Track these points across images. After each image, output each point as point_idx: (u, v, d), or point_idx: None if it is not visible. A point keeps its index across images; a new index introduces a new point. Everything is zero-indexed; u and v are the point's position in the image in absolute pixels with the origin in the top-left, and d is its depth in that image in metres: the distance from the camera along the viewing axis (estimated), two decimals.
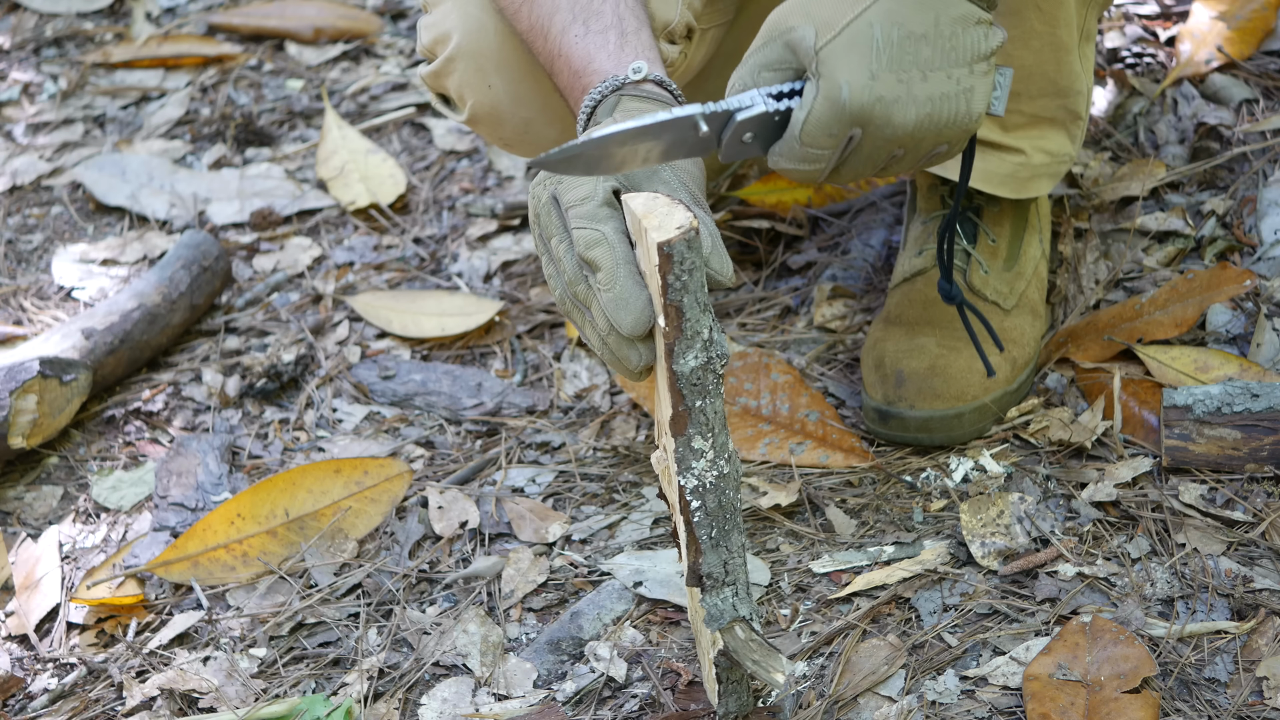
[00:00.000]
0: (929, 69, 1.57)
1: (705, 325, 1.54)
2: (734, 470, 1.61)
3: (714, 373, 1.56)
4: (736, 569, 1.63)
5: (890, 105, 1.56)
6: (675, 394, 1.56)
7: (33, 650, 2.05)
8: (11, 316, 2.67)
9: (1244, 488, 1.92)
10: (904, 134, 1.58)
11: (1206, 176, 2.38)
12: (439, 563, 2.05)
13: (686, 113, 1.58)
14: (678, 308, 1.53)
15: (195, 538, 2.10)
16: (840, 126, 1.57)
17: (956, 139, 1.62)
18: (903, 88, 1.56)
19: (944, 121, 1.58)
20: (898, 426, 2.05)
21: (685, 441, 1.58)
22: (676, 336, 1.54)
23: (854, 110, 1.56)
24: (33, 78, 3.41)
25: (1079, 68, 2.03)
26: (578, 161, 1.58)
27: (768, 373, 2.18)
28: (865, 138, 1.58)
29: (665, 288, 1.52)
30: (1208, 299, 2.12)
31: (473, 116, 2.03)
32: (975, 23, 1.60)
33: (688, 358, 1.55)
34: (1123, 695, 1.67)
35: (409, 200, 2.82)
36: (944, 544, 1.91)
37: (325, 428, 2.34)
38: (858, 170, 1.63)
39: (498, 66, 1.98)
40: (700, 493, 1.60)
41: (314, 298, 2.61)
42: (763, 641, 1.63)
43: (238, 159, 3.04)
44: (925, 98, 1.57)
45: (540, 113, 2.02)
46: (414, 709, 1.84)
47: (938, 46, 1.57)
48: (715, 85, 2.30)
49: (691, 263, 1.52)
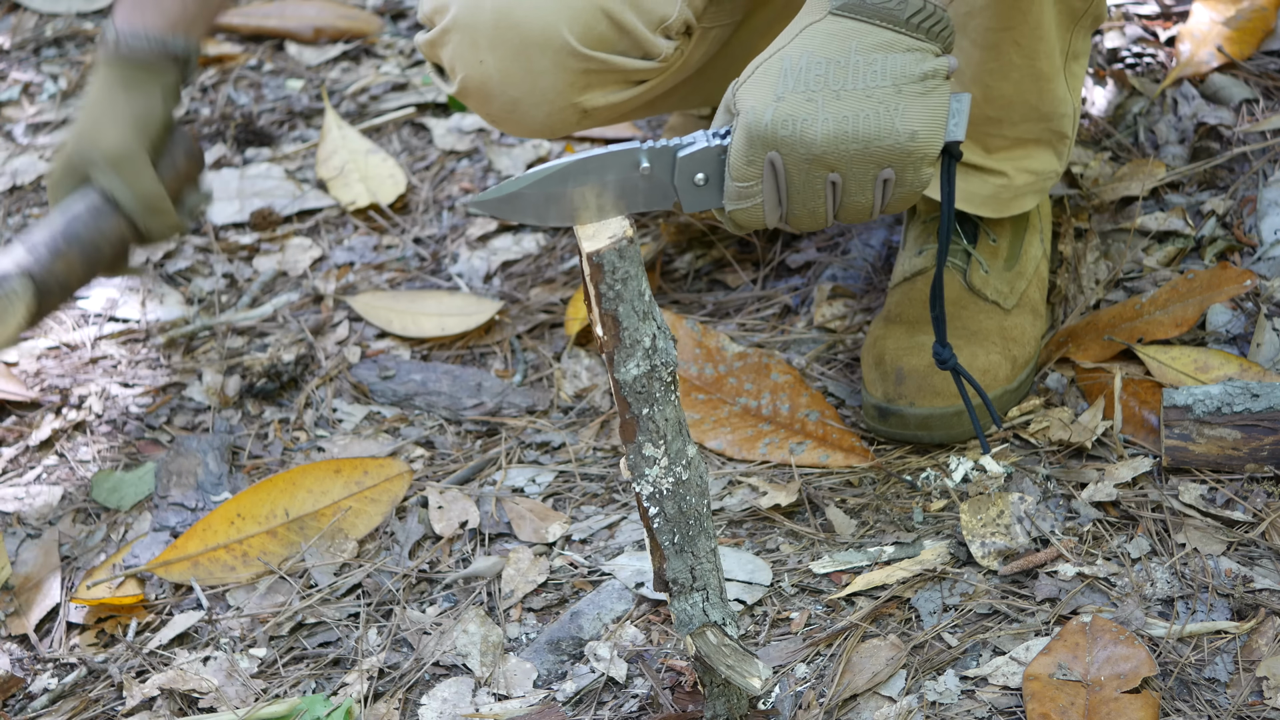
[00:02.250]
0: (842, 89, 1.58)
1: (646, 333, 1.54)
2: (694, 476, 1.60)
3: (660, 380, 1.56)
4: (705, 574, 1.63)
5: (799, 123, 1.58)
6: (621, 402, 1.56)
7: (33, 650, 2.05)
8: None
9: (1244, 488, 1.92)
10: (822, 152, 1.58)
11: (1206, 176, 2.38)
12: (439, 563, 2.05)
13: (628, 146, 1.59)
14: (614, 316, 1.53)
15: (195, 538, 2.10)
16: (754, 150, 1.59)
17: (900, 162, 1.60)
18: (811, 106, 1.58)
19: (866, 139, 1.58)
20: (897, 424, 2.05)
21: (636, 449, 1.58)
22: (616, 345, 1.54)
23: (761, 130, 1.58)
24: (33, 78, 3.41)
25: (1063, 91, 2.03)
26: (521, 204, 1.60)
27: (768, 373, 2.18)
28: (786, 162, 1.60)
29: (599, 297, 1.52)
30: (1208, 299, 2.12)
31: (463, 89, 2.04)
32: (905, 50, 1.60)
33: (629, 366, 1.55)
34: (1123, 695, 1.67)
35: (409, 200, 2.82)
36: (944, 544, 1.91)
37: (325, 428, 2.34)
38: (807, 204, 1.62)
39: (491, 43, 1.99)
40: (657, 499, 1.60)
41: (314, 298, 2.61)
42: (736, 646, 1.63)
43: (238, 159, 3.04)
44: (838, 115, 1.58)
45: (528, 94, 2.02)
46: (414, 709, 1.84)
47: (852, 69, 1.59)
48: (715, 86, 2.30)
49: (625, 272, 1.52)
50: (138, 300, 2.67)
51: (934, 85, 1.60)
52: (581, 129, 2.14)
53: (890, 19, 1.59)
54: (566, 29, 1.97)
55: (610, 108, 2.09)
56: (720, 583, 1.65)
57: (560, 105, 2.04)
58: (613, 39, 2.00)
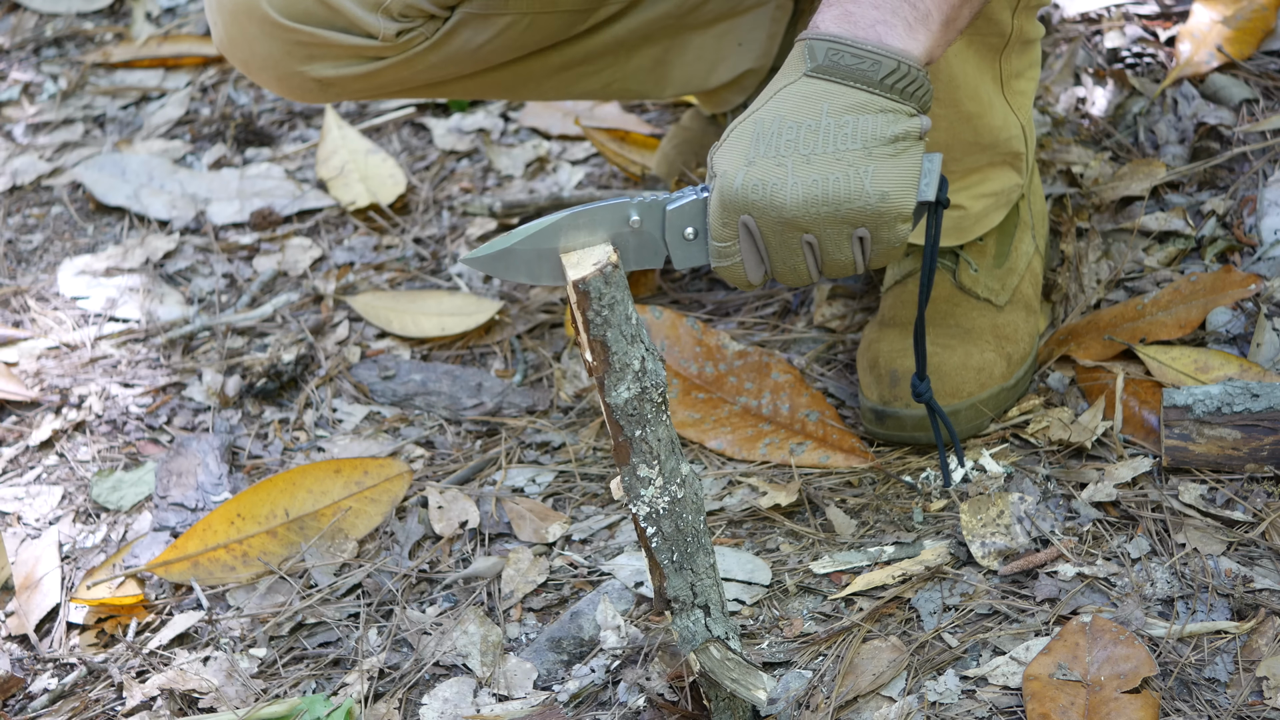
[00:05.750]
0: (813, 152, 1.61)
1: (635, 356, 1.54)
2: (690, 494, 1.60)
3: (651, 402, 1.56)
4: (706, 590, 1.63)
5: (770, 187, 1.60)
6: (614, 425, 1.57)
7: (33, 650, 2.05)
8: (12, 318, 2.67)
9: (1244, 488, 1.92)
10: (793, 215, 1.60)
11: (1206, 176, 2.38)
12: (439, 563, 2.05)
13: (618, 200, 1.61)
14: (602, 342, 1.53)
15: (195, 538, 2.10)
16: (728, 213, 1.62)
17: (872, 222, 1.62)
18: (782, 170, 1.60)
19: (836, 201, 1.60)
20: (894, 426, 2.05)
21: (630, 470, 1.58)
22: (605, 370, 1.54)
23: (733, 194, 1.61)
24: (33, 78, 3.41)
25: (1002, 117, 2.03)
26: (514, 261, 1.63)
27: (768, 373, 2.18)
28: (760, 224, 1.62)
29: (587, 324, 1.53)
30: (1211, 301, 2.12)
31: (216, 48, 2.25)
32: (878, 111, 1.61)
33: (619, 390, 1.55)
34: (1123, 695, 1.67)
35: (409, 200, 2.82)
36: (944, 544, 1.91)
37: (325, 428, 2.34)
38: (787, 263, 1.65)
39: (217, 8, 2.16)
40: (654, 519, 1.60)
41: (314, 298, 2.61)
42: (740, 659, 1.64)
43: (238, 159, 3.04)
44: (809, 179, 1.60)
45: (250, 58, 2.17)
46: (414, 709, 1.84)
47: (823, 132, 1.61)
48: (594, 81, 2.35)
49: (611, 297, 1.52)
50: (138, 300, 2.67)
51: (905, 146, 1.62)
52: (331, 98, 2.23)
53: (864, 80, 1.61)
54: (265, 2, 2.08)
55: (353, 80, 2.16)
56: (721, 597, 1.65)
57: (284, 72, 2.15)
58: (319, 14, 2.07)
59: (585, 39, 2.29)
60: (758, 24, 2.42)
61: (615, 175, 2.78)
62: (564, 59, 2.30)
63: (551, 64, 2.31)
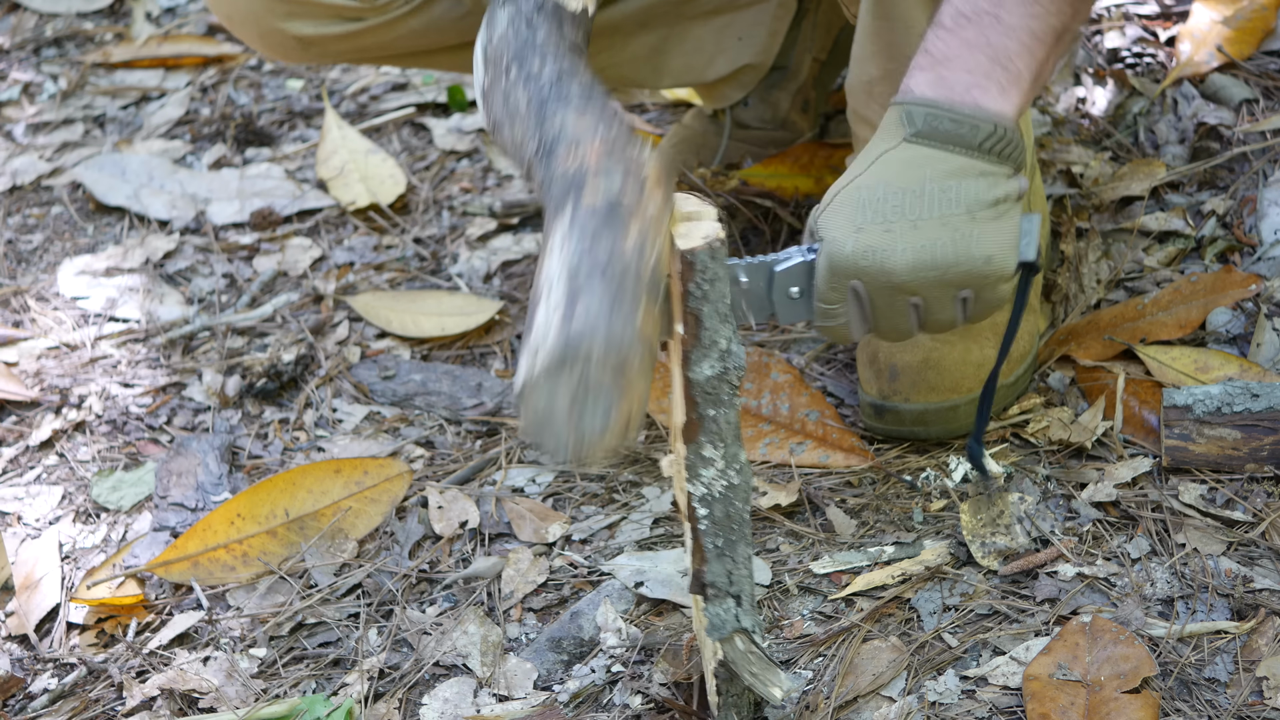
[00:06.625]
0: (919, 218, 1.64)
1: (724, 335, 1.55)
2: (744, 482, 1.61)
3: (729, 383, 1.56)
4: (741, 580, 1.63)
5: (880, 254, 1.64)
6: (689, 401, 1.56)
7: (33, 650, 2.05)
8: (12, 318, 2.67)
9: (1244, 488, 1.92)
10: (902, 280, 1.64)
11: (1206, 176, 2.38)
12: (439, 563, 2.05)
13: (727, 263, 1.62)
14: (696, 316, 1.53)
15: (195, 538, 2.10)
16: (838, 279, 1.65)
17: (977, 284, 1.65)
18: (890, 237, 1.64)
19: (943, 266, 1.64)
20: (893, 420, 2.05)
21: (696, 449, 1.58)
22: (693, 344, 1.54)
23: (843, 261, 1.64)
24: (33, 78, 3.41)
25: None
26: None
27: (768, 372, 2.18)
28: (868, 289, 1.65)
29: (685, 295, 1.53)
30: (1212, 302, 2.12)
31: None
32: (978, 175, 1.65)
33: (703, 366, 1.55)
34: (1123, 695, 1.67)
35: (409, 200, 2.82)
36: (944, 544, 1.91)
37: (325, 428, 2.34)
38: (891, 323, 1.69)
39: None
40: (708, 501, 1.60)
41: (314, 298, 2.61)
42: (762, 655, 1.63)
43: (238, 159, 3.04)
44: (916, 245, 1.63)
45: (234, 13, 2.21)
46: (414, 709, 1.84)
47: (928, 198, 1.64)
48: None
49: (714, 272, 1.52)
50: (138, 300, 2.67)
51: (1006, 209, 1.66)
52: (313, 58, 2.27)
53: (963, 144, 1.65)
54: None
55: (333, 40, 2.19)
56: (752, 590, 1.65)
57: (265, 28, 2.18)
58: None
59: None
60: (759, 19, 2.42)
61: None
62: None
63: None
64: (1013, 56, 1.67)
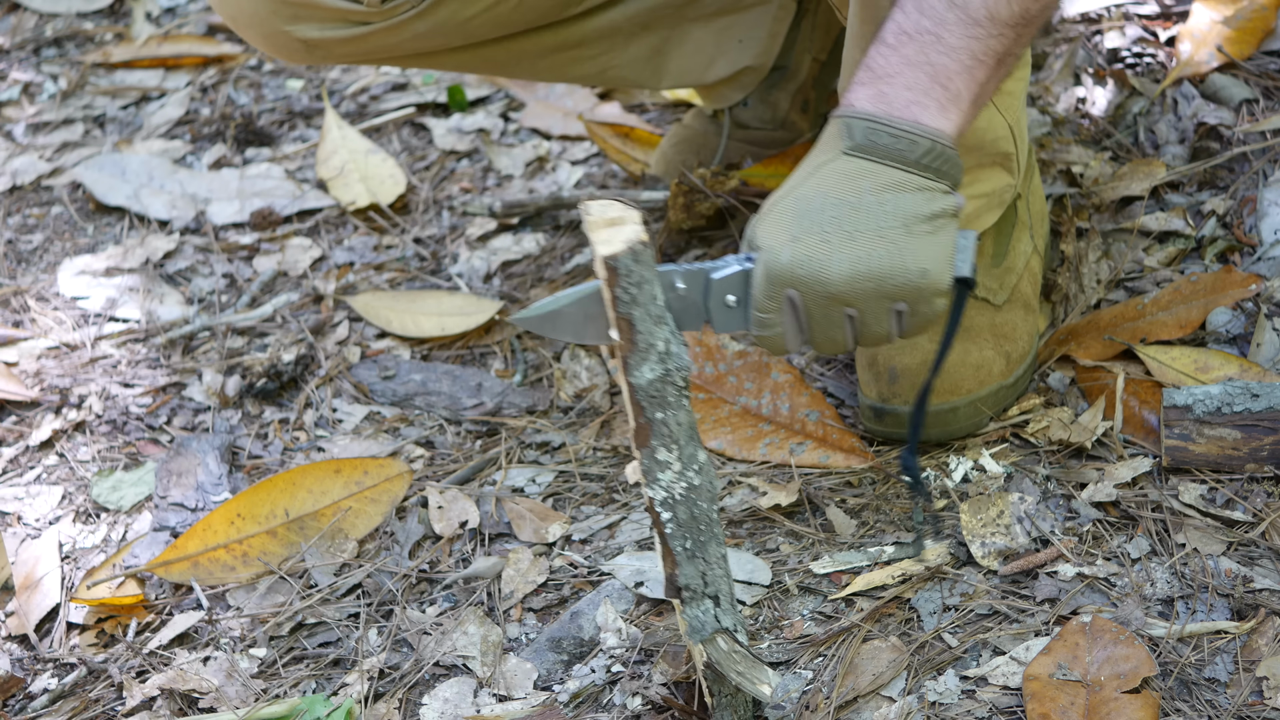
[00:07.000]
0: (856, 230, 1.65)
1: (660, 338, 1.55)
2: (705, 482, 1.61)
3: (674, 385, 1.56)
4: (717, 580, 1.63)
5: (817, 264, 1.65)
6: (635, 406, 1.57)
7: (33, 650, 2.05)
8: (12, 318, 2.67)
9: (1244, 488, 1.92)
10: (838, 290, 1.66)
11: (1206, 176, 2.38)
12: (439, 563, 2.05)
13: (664, 268, 1.64)
14: (629, 320, 1.54)
15: (195, 538, 2.10)
16: (774, 288, 1.67)
17: (912, 297, 1.67)
18: (827, 247, 1.65)
19: (879, 277, 1.65)
20: (893, 423, 2.05)
21: (649, 454, 1.58)
22: (630, 349, 1.54)
23: (779, 270, 1.66)
24: (33, 78, 3.41)
25: (987, 121, 2.03)
26: (561, 321, 1.65)
27: (768, 373, 2.18)
28: (804, 298, 1.67)
29: (615, 300, 1.53)
30: (1212, 302, 2.12)
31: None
32: (915, 189, 1.67)
33: (643, 370, 1.55)
34: (1123, 695, 1.67)
35: (409, 200, 2.82)
36: (944, 544, 1.91)
37: (325, 428, 2.34)
38: (827, 334, 1.70)
39: None
40: (670, 504, 1.60)
41: (314, 298, 2.61)
42: (746, 653, 1.63)
43: (238, 159, 3.04)
44: (852, 256, 1.65)
45: (238, 15, 2.21)
46: (414, 709, 1.84)
47: (865, 210, 1.66)
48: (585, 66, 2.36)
49: (639, 276, 1.53)
50: (138, 300, 2.67)
51: (942, 224, 1.68)
52: (318, 60, 2.25)
53: (901, 159, 1.66)
54: None
55: (339, 43, 2.18)
56: (730, 588, 1.65)
57: (270, 30, 2.17)
58: None
59: (581, 21, 2.30)
60: (759, 22, 2.43)
61: (614, 175, 2.78)
62: (558, 40, 2.31)
63: (545, 44, 2.31)
64: (953, 76, 1.69)
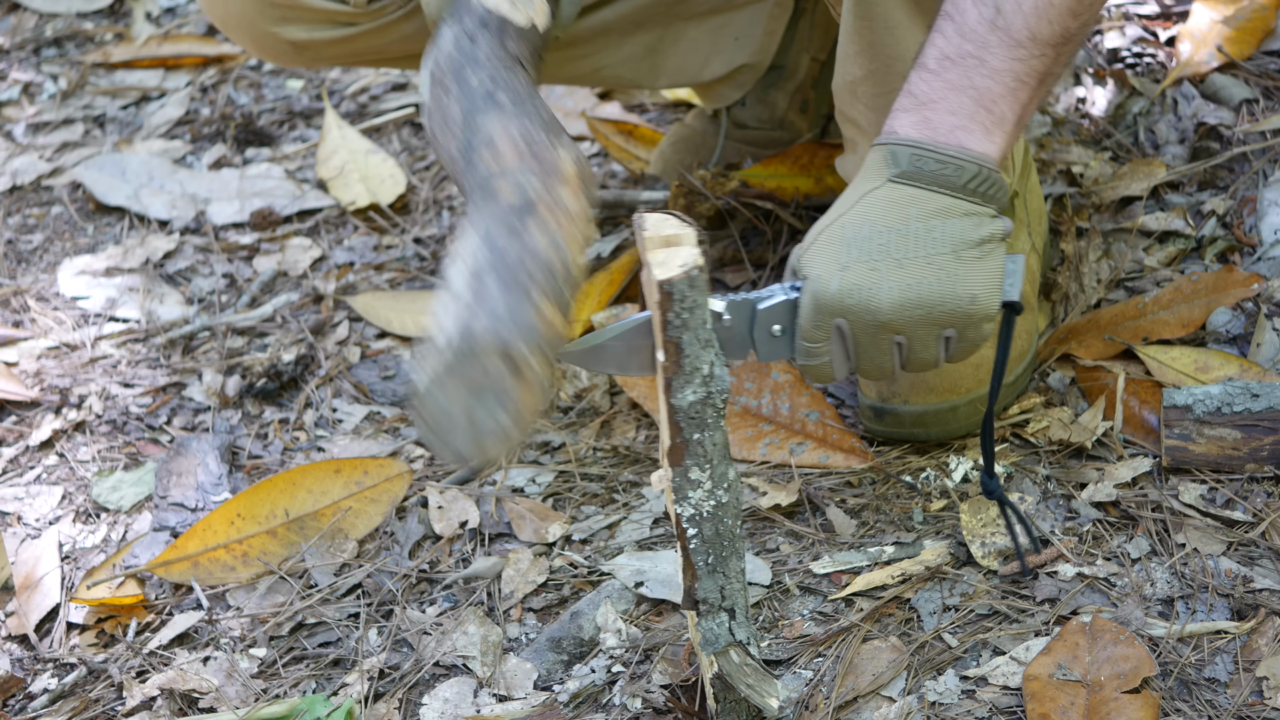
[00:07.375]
0: (904, 257, 1.65)
1: (705, 361, 1.55)
2: (733, 499, 1.61)
3: (713, 407, 1.57)
4: (734, 594, 1.64)
5: (865, 292, 1.65)
6: (674, 426, 1.57)
7: (33, 650, 2.05)
8: (12, 318, 2.67)
9: (1244, 488, 1.92)
10: (887, 319, 1.66)
11: (1206, 176, 2.38)
12: (439, 563, 2.05)
13: (711, 297, 1.62)
14: (677, 344, 1.54)
15: (195, 538, 2.10)
16: (822, 317, 1.67)
17: (961, 323, 1.67)
18: (876, 275, 1.65)
19: (929, 305, 1.65)
20: (893, 422, 2.05)
21: (682, 472, 1.58)
22: (675, 371, 1.55)
23: (829, 299, 1.66)
24: (33, 78, 3.41)
25: None
26: (606, 355, 1.64)
27: (768, 372, 2.18)
28: (853, 327, 1.67)
29: (665, 324, 1.53)
30: (1214, 301, 2.12)
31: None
32: (963, 215, 1.66)
33: (685, 393, 1.56)
34: (1123, 695, 1.67)
35: (409, 200, 2.82)
36: (944, 544, 1.91)
37: (325, 428, 2.34)
38: (874, 362, 1.70)
39: None
40: (697, 521, 1.60)
41: (314, 298, 2.61)
42: (758, 666, 1.64)
43: (238, 159, 3.04)
44: (902, 284, 1.65)
45: (226, 17, 2.23)
46: (414, 709, 1.84)
47: (913, 237, 1.66)
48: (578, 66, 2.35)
49: (692, 301, 1.52)
50: (138, 300, 2.67)
51: (990, 249, 1.68)
52: (307, 62, 2.26)
53: (948, 185, 1.66)
54: None
55: (327, 45, 2.19)
56: (746, 601, 1.65)
57: (258, 32, 2.18)
58: None
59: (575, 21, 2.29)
60: (754, 19, 2.42)
61: (614, 175, 2.78)
62: None
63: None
64: (997, 99, 1.68)
